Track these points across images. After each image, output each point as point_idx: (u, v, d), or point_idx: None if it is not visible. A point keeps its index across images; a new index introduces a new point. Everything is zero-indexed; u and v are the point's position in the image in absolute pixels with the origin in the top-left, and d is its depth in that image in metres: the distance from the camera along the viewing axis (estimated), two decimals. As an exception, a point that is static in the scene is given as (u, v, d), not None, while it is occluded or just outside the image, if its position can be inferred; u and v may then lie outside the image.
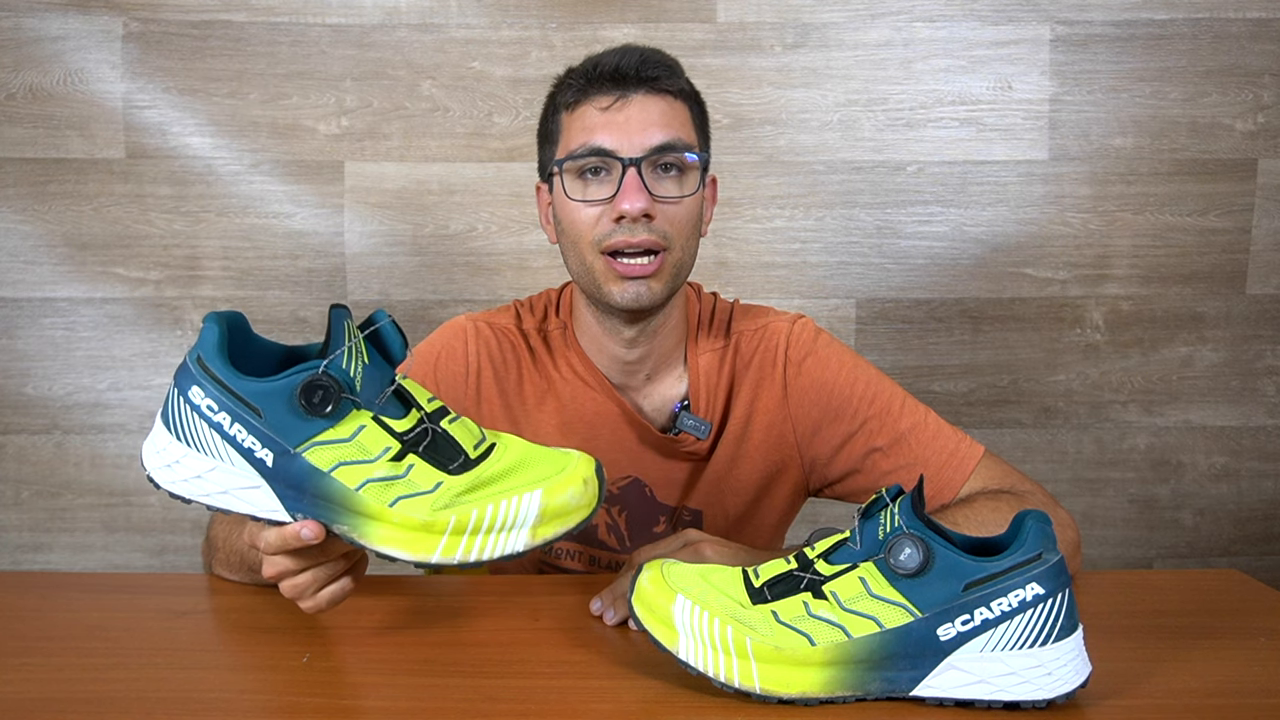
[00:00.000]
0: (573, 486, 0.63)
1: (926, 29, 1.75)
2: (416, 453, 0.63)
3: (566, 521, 0.64)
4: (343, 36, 1.72)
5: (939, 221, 1.78)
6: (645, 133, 0.90)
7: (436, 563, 0.63)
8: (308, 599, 0.70)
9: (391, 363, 0.66)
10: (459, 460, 0.64)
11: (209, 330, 0.64)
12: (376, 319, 0.65)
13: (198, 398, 0.63)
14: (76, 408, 1.76)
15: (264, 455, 0.63)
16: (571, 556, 1.03)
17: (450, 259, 1.77)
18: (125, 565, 1.79)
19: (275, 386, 0.62)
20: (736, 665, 0.61)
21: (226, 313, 0.65)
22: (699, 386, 1.00)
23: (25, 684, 0.65)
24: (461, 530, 0.62)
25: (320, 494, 0.63)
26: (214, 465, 0.64)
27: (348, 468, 0.63)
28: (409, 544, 0.63)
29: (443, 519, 0.62)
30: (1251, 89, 1.76)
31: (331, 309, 0.64)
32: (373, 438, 0.63)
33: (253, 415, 0.62)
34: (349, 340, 0.63)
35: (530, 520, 0.63)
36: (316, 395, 0.61)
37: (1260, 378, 1.82)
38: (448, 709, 0.62)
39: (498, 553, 0.63)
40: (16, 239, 1.73)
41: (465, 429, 0.66)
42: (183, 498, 0.65)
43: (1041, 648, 0.60)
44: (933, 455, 0.95)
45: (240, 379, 0.63)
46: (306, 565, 0.68)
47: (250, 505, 0.65)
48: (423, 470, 0.63)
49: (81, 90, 1.70)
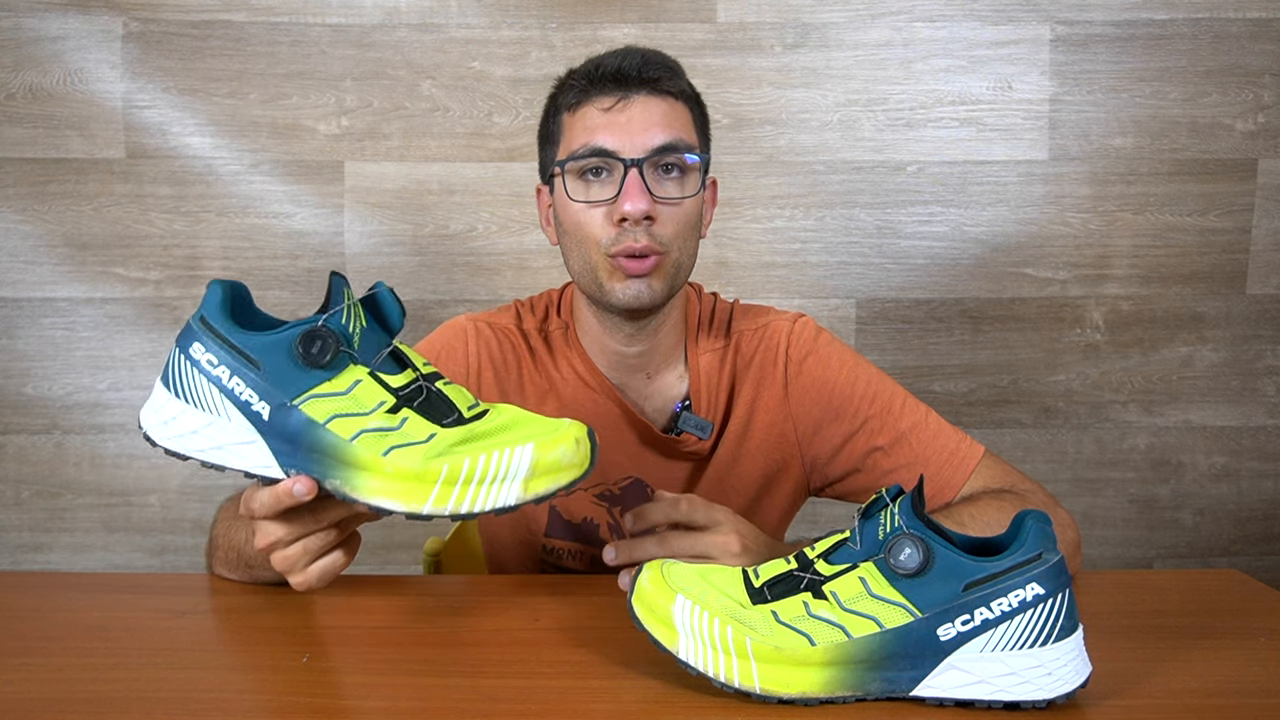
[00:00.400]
0: (564, 444, 0.64)
1: (926, 29, 1.75)
2: (411, 407, 0.64)
3: (558, 478, 0.64)
4: (343, 36, 1.72)
5: (939, 221, 1.78)
6: (647, 133, 0.90)
7: (428, 513, 0.63)
8: (299, 573, 0.70)
9: (389, 331, 0.67)
10: (453, 416, 0.65)
11: (213, 292, 0.65)
12: (375, 288, 0.67)
13: (199, 353, 0.64)
14: (76, 408, 1.77)
15: (260, 408, 0.64)
16: (573, 557, 1.03)
17: (450, 259, 1.77)
18: (125, 565, 1.79)
19: (275, 339, 0.63)
20: (736, 665, 0.61)
21: (230, 281, 0.67)
22: (700, 386, 1.00)
23: (25, 684, 0.65)
24: (454, 480, 0.63)
25: (315, 447, 0.64)
26: (210, 420, 0.65)
27: (343, 419, 0.64)
28: (401, 494, 0.64)
29: (435, 468, 0.63)
30: (1251, 89, 1.76)
31: (332, 274, 0.66)
32: (368, 391, 0.64)
33: (251, 368, 0.63)
34: (348, 301, 0.65)
35: (522, 473, 0.63)
36: (315, 345, 0.63)
37: (1260, 378, 1.83)
38: (448, 709, 0.62)
39: (489, 504, 0.63)
40: (16, 239, 1.73)
41: (459, 392, 0.67)
42: (178, 454, 0.66)
43: (1041, 648, 0.60)
44: (933, 455, 0.95)
45: (241, 333, 0.64)
46: (298, 534, 0.68)
47: (244, 460, 0.65)
48: (416, 423, 0.64)
49: (81, 90, 1.71)
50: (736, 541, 0.81)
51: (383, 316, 0.67)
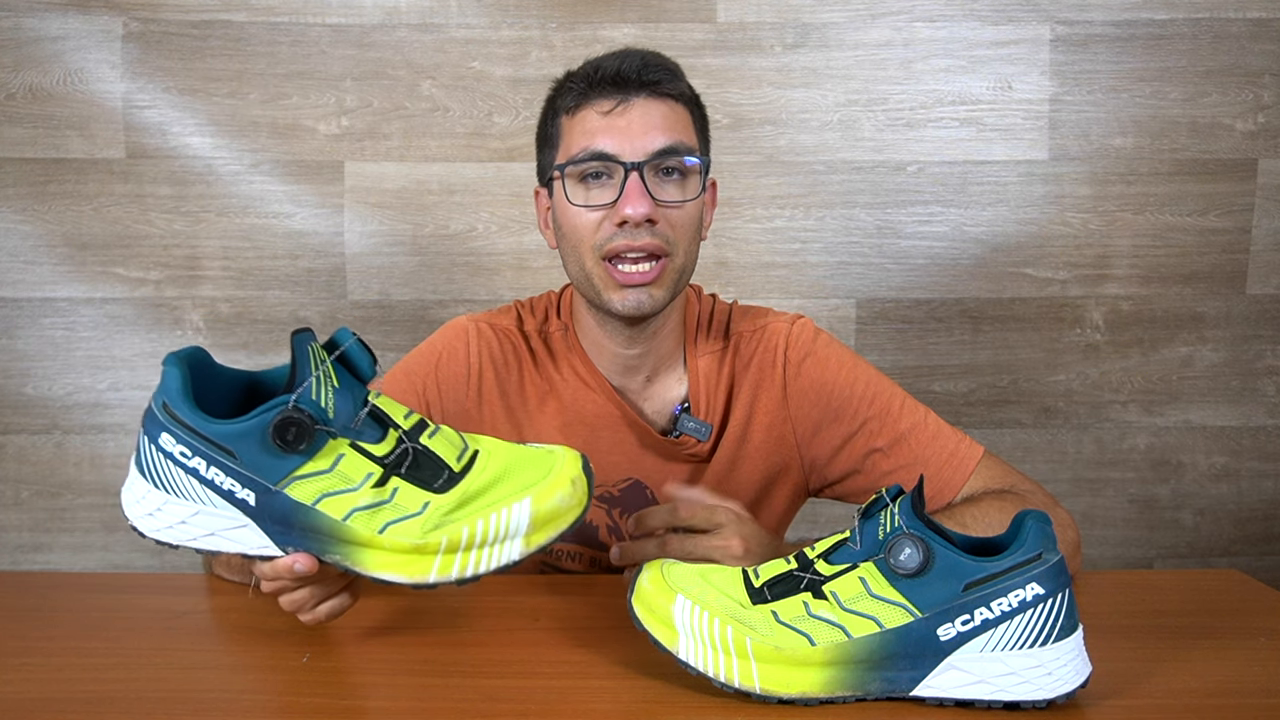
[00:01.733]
0: (560, 490, 0.62)
1: (926, 29, 1.75)
2: (399, 475, 0.62)
3: (559, 525, 0.63)
4: (343, 36, 1.72)
5: (939, 221, 1.78)
6: (647, 137, 0.90)
7: (434, 582, 0.62)
8: (307, 613, 0.71)
9: (361, 380, 0.64)
10: (443, 477, 0.63)
11: (170, 374, 0.62)
12: (340, 340, 0.63)
13: (169, 445, 0.62)
14: (76, 408, 1.76)
15: (245, 495, 0.62)
16: (572, 558, 1.03)
17: (450, 259, 1.77)
18: (125, 565, 1.79)
19: (246, 427, 0.60)
20: (736, 665, 0.61)
21: (185, 350, 0.64)
22: (699, 388, 1.00)
23: (25, 684, 0.65)
24: (455, 549, 0.62)
25: (308, 527, 0.62)
26: (197, 509, 0.63)
27: (332, 499, 0.62)
28: (404, 567, 0.62)
29: (434, 540, 0.61)
30: (1251, 89, 1.76)
31: (294, 335, 0.62)
32: (353, 465, 0.62)
33: (227, 457, 0.61)
34: (315, 368, 0.61)
35: (523, 529, 0.62)
36: (290, 432, 0.60)
37: (1260, 378, 1.82)
38: (448, 709, 0.62)
39: (494, 565, 0.62)
40: (16, 239, 1.73)
41: (445, 441, 0.64)
42: (170, 544, 0.64)
43: (1041, 648, 0.60)
44: (933, 456, 0.95)
45: (209, 422, 0.61)
46: (304, 584, 0.68)
47: (240, 544, 0.64)
48: (408, 492, 0.62)
49: (81, 90, 1.70)
50: (739, 545, 0.81)
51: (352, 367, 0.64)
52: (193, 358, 0.64)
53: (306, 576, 0.65)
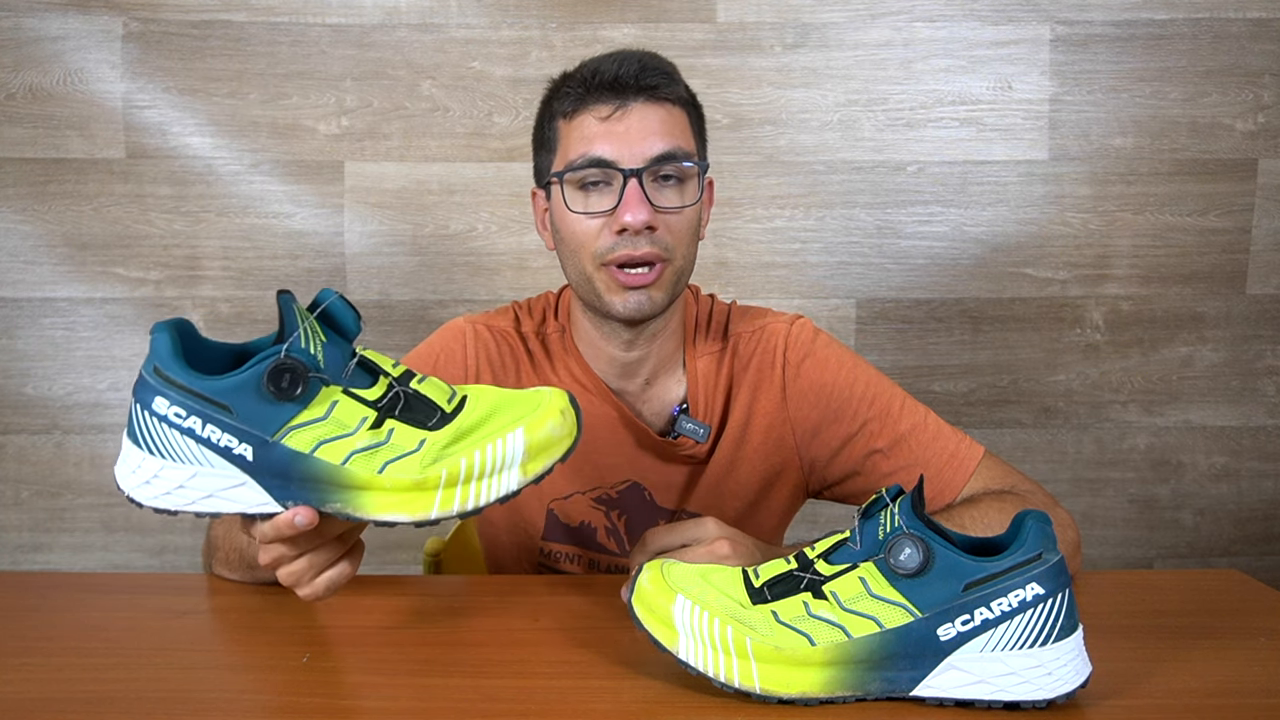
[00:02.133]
0: (551, 419, 0.64)
1: (926, 29, 1.75)
2: (394, 416, 0.64)
3: (552, 453, 0.65)
4: (343, 36, 1.72)
5: (939, 221, 1.78)
6: (645, 142, 0.89)
7: (436, 517, 0.63)
8: (305, 585, 0.70)
9: (348, 338, 0.66)
10: (436, 416, 0.64)
11: (159, 339, 0.63)
12: (323, 298, 0.66)
13: (163, 407, 0.62)
14: (76, 408, 1.77)
15: (243, 450, 0.62)
16: (571, 560, 1.02)
17: (450, 259, 1.77)
18: (125, 565, 1.79)
19: (241, 379, 0.61)
20: (736, 665, 0.61)
21: (173, 320, 0.65)
22: (697, 389, 1.00)
23: (25, 684, 0.65)
24: (454, 481, 0.63)
25: (307, 477, 0.63)
26: (194, 471, 0.63)
27: (330, 445, 0.63)
28: (406, 505, 0.63)
29: (434, 474, 0.63)
30: (1251, 89, 1.76)
31: (279, 294, 0.64)
32: (348, 411, 0.63)
33: (223, 413, 0.62)
34: (303, 322, 0.63)
35: (518, 458, 0.64)
36: (284, 379, 0.61)
37: (1260, 378, 1.82)
38: (448, 709, 0.62)
39: (494, 495, 0.64)
40: (16, 239, 1.73)
41: (435, 386, 0.66)
42: (169, 510, 0.64)
43: (1041, 648, 0.60)
44: (933, 456, 0.94)
45: (203, 379, 0.62)
46: (303, 550, 0.68)
47: (239, 503, 0.64)
48: (404, 432, 0.64)
49: (81, 90, 1.71)
50: (725, 545, 0.80)
51: (337, 325, 0.65)
52: (180, 326, 0.65)
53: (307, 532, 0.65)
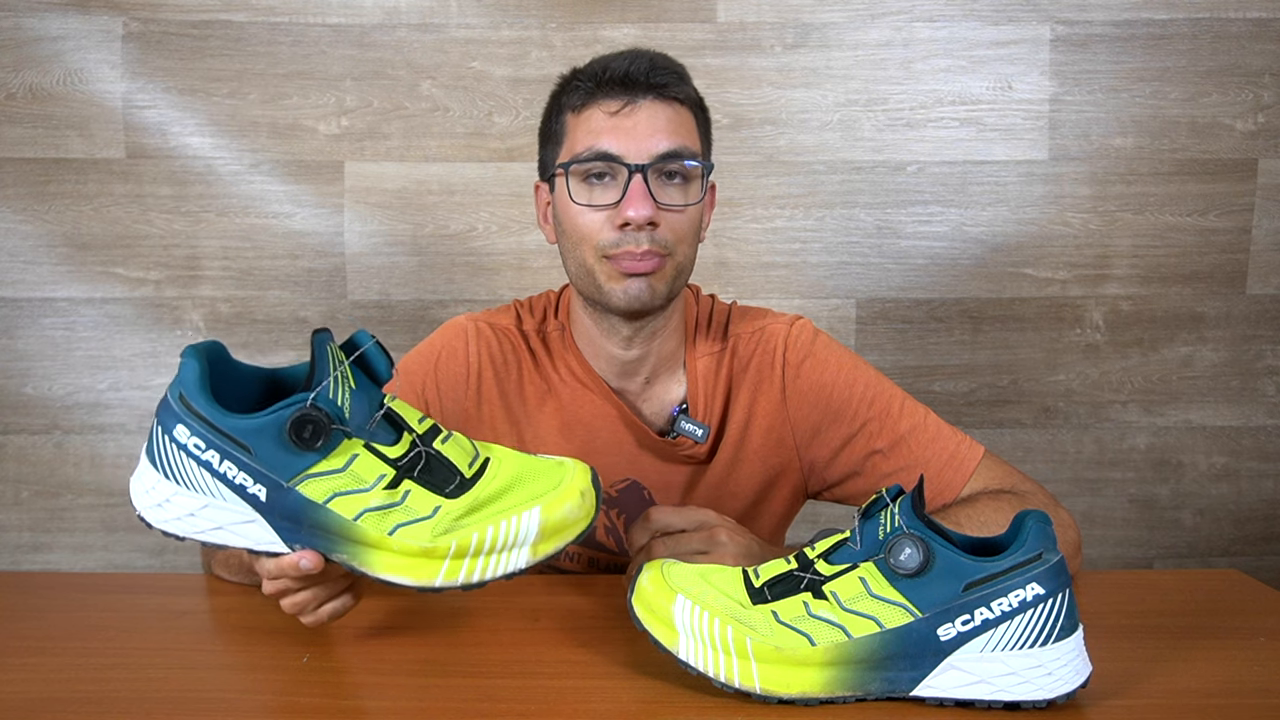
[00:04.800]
0: (570, 500, 0.63)
1: (926, 29, 1.75)
2: (412, 478, 0.63)
3: (566, 535, 0.64)
4: (343, 36, 1.72)
5: (939, 221, 1.78)
6: (652, 139, 0.90)
7: (440, 586, 0.62)
8: (309, 615, 0.71)
9: (378, 383, 0.64)
10: (455, 482, 0.63)
11: (188, 366, 0.62)
12: (359, 341, 0.64)
13: (184, 436, 0.62)
14: (76, 408, 1.76)
15: (257, 490, 0.62)
16: (570, 558, 1.03)
17: (450, 259, 1.77)
18: (125, 565, 1.79)
19: (264, 422, 0.61)
20: (736, 665, 0.61)
21: (205, 344, 0.64)
22: (697, 390, 1.00)
23: (25, 684, 0.65)
24: (463, 554, 0.62)
25: (317, 525, 0.63)
26: (206, 502, 0.63)
27: (344, 498, 0.62)
28: (411, 570, 0.62)
29: (444, 544, 0.62)
30: (1251, 89, 1.76)
31: (314, 335, 0.63)
32: (367, 466, 0.62)
33: (242, 452, 0.61)
34: (334, 369, 0.62)
35: (531, 538, 0.62)
36: (307, 430, 0.60)
37: (1260, 378, 1.82)
38: (448, 709, 0.62)
39: (500, 572, 0.63)
40: (16, 239, 1.73)
41: (458, 447, 0.65)
42: (176, 535, 0.64)
43: (1041, 648, 0.60)
44: (933, 457, 0.94)
45: (226, 416, 0.61)
46: (307, 584, 0.68)
47: (246, 539, 0.64)
48: (420, 495, 0.62)
49: (81, 90, 1.70)
50: (723, 532, 0.81)
51: (370, 369, 0.64)
52: (211, 351, 0.64)
53: (311, 575, 0.65)
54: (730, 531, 0.82)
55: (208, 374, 0.63)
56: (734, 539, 0.82)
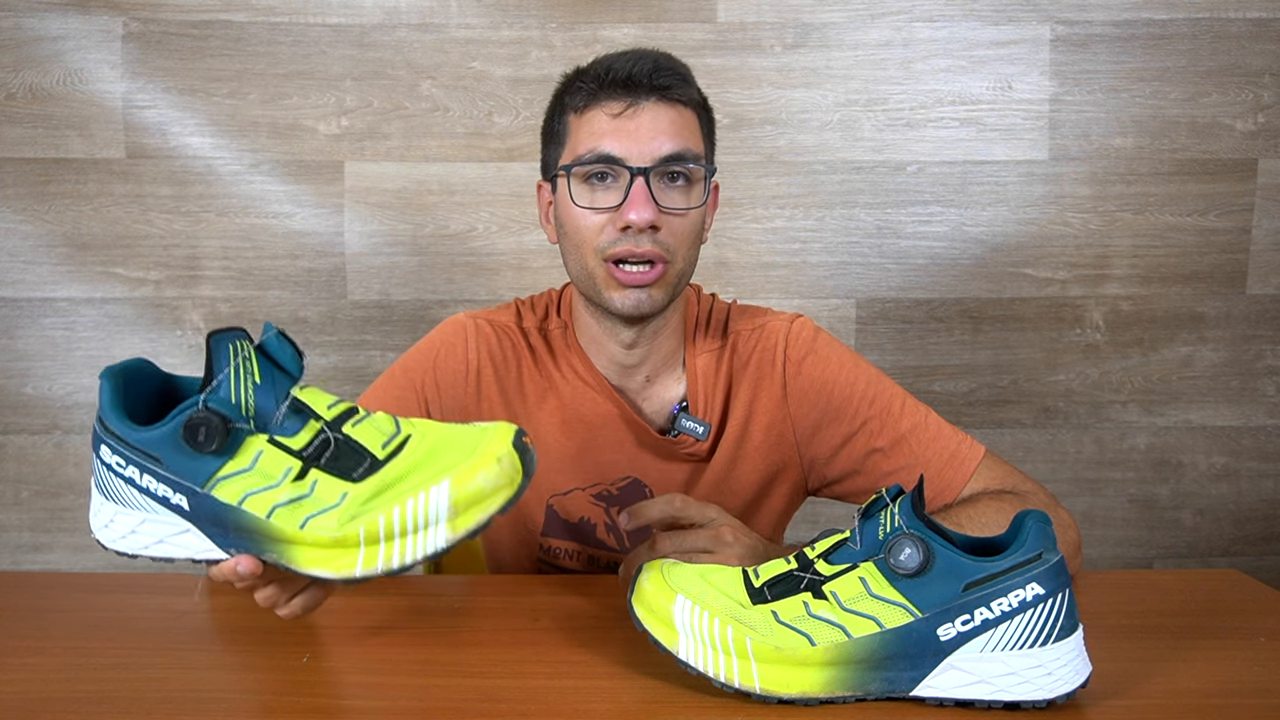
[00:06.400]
0: (483, 469, 0.58)
1: (926, 29, 1.75)
2: (318, 466, 0.60)
3: (486, 507, 0.59)
4: (343, 36, 1.72)
5: (939, 221, 1.78)
6: (655, 142, 0.89)
7: (361, 576, 0.59)
8: (282, 608, 0.70)
9: (289, 376, 0.62)
10: (364, 465, 0.60)
11: (102, 387, 0.62)
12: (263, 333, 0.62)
13: (108, 456, 0.63)
14: (76, 408, 1.76)
15: (179, 500, 0.61)
16: (570, 556, 1.03)
17: (450, 259, 1.77)
18: (125, 565, 1.78)
19: (163, 432, 0.60)
20: (736, 665, 0.61)
21: (123, 364, 0.64)
22: (697, 388, 1.00)
23: (25, 684, 0.65)
24: (374, 539, 0.59)
25: (239, 527, 0.61)
26: (143, 518, 0.63)
27: (255, 496, 0.60)
28: (329, 562, 0.60)
29: (352, 532, 0.59)
30: (1251, 89, 1.76)
31: (209, 336, 0.61)
32: (272, 461, 0.60)
33: (154, 464, 0.61)
34: (231, 363, 0.60)
35: (443, 514, 0.58)
36: (200, 433, 0.59)
37: (1260, 378, 1.82)
38: (448, 709, 0.62)
39: (420, 554, 0.59)
40: (16, 239, 1.73)
41: (374, 428, 0.62)
42: (127, 554, 0.65)
43: (1041, 648, 0.60)
44: (934, 456, 0.94)
45: (134, 430, 0.61)
46: (262, 582, 0.68)
47: (186, 549, 0.63)
48: (327, 484, 0.60)
49: (81, 90, 1.70)
50: (728, 532, 0.82)
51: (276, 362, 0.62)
52: (130, 370, 0.64)
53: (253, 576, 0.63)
54: (736, 531, 0.82)
55: (122, 393, 0.62)
56: (739, 539, 0.82)
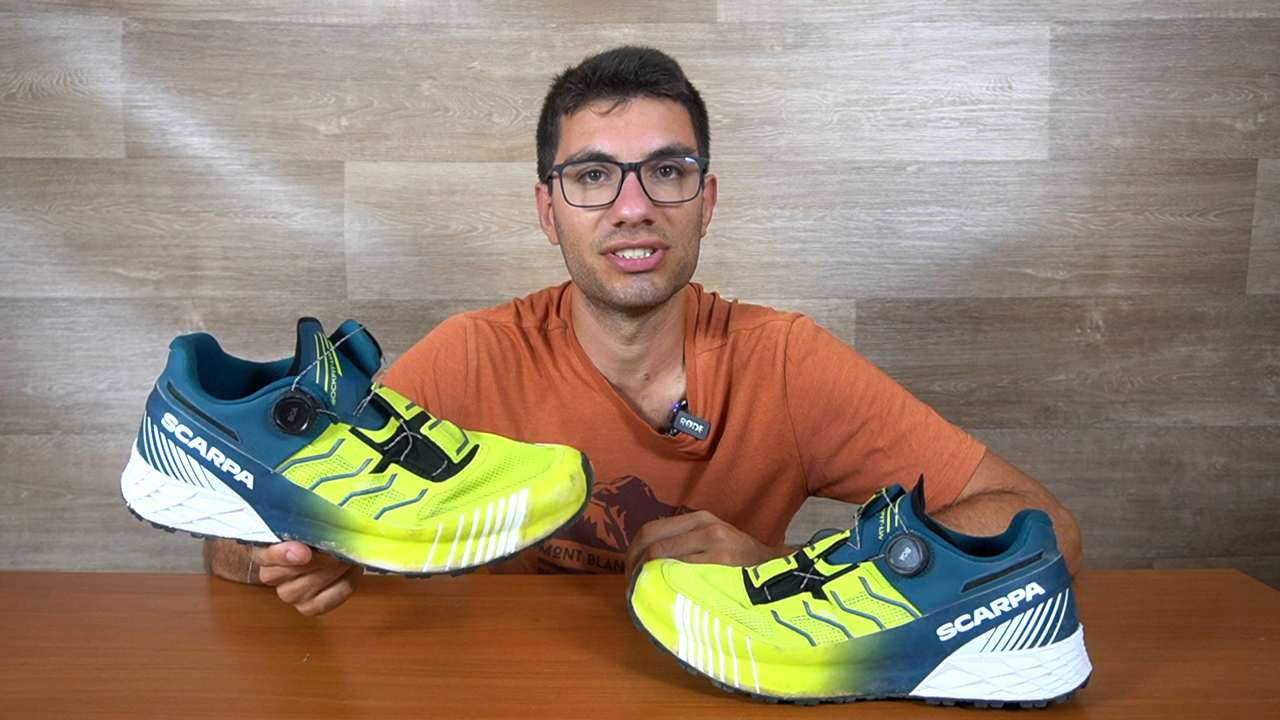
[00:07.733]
0: (559, 483, 0.62)
1: (926, 29, 1.75)
2: (398, 462, 0.62)
3: (556, 519, 0.63)
4: (343, 36, 1.72)
5: (939, 221, 1.78)
6: (644, 137, 0.90)
7: (428, 571, 0.62)
8: (305, 603, 0.71)
9: (366, 373, 0.64)
10: (442, 466, 0.63)
11: (177, 355, 0.63)
12: (346, 329, 0.64)
13: (171, 425, 0.62)
14: (76, 408, 1.76)
15: (244, 478, 0.62)
16: (570, 556, 1.03)
17: (450, 259, 1.77)
18: (125, 565, 1.79)
19: (249, 407, 0.61)
20: (736, 665, 0.61)
21: (194, 335, 0.65)
22: (696, 386, 1.00)
23: (25, 684, 0.65)
24: (450, 537, 0.62)
25: (305, 512, 0.62)
26: (194, 491, 0.63)
27: (330, 483, 0.62)
28: (398, 555, 0.62)
29: (430, 527, 0.61)
30: (1251, 89, 1.76)
31: (300, 323, 0.63)
32: (352, 450, 0.62)
33: (228, 438, 0.61)
34: (321, 354, 0.62)
35: (519, 520, 0.62)
36: (291, 413, 0.60)
37: (1260, 378, 1.82)
38: (448, 709, 0.62)
39: (489, 556, 0.62)
40: (16, 239, 1.73)
41: (447, 433, 0.65)
42: (166, 526, 0.64)
43: (1041, 648, 0.60)
44: (934, 456, 0.94)
45: (213, 402, 0.61)
46: (304, 571, 0.68)
47: (235, 529, 0.64)
48: (406, 479, 0.62)
49: (81, 90, 1.70)
50: (720, 529, 0.82)
51: (357, 358, 0.64)
52: (201, 343, 0.65)
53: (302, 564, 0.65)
54: (726, 528, 0.83)
55: (196, 364, 0.63)
56: (731, 535, 0.82)
